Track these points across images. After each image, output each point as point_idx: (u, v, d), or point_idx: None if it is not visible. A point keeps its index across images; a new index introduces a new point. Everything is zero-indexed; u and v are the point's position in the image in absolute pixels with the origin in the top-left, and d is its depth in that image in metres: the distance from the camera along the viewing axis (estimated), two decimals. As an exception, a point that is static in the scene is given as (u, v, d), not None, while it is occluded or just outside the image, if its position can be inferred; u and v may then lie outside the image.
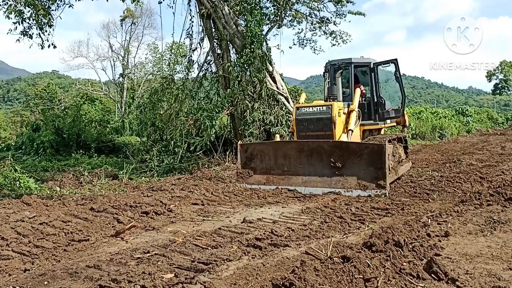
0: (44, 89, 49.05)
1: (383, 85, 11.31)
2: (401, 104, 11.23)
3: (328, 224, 5.48)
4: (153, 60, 41.83)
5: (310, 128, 9.52)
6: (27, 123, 25.25)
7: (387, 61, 10.93)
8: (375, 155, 7.84)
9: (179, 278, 3.37)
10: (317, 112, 9.46)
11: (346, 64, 11.04)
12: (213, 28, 14.34)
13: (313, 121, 9.46)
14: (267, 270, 3.67)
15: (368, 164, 7.93)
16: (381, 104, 10.78)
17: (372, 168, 7.87)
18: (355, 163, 8.05)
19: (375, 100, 10.85)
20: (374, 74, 10.87)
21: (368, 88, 11.26)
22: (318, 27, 21.62)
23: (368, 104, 10.96)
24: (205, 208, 6.75)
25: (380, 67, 11.02)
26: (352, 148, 8.19)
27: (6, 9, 13.06)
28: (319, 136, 9.27)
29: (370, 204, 6.89)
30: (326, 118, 9.28)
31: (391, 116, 10.99)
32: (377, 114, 10.86)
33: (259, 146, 9.48)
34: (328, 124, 9.26)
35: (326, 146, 8.42)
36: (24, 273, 3.69)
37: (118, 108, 40.17)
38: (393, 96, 11.77)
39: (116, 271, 3.57)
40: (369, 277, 3.23)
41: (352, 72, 10.87)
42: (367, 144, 8.29)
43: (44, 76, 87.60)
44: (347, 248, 4.03)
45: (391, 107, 11.04)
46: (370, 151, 7.92)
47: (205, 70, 15.11)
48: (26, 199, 6.69)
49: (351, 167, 8.10)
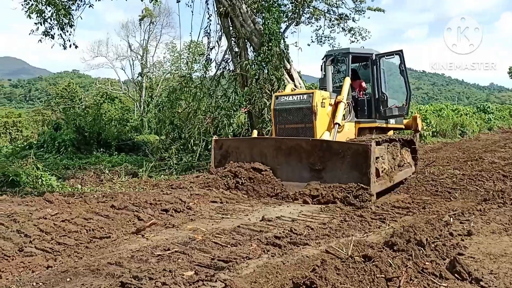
0: (65, 88, 49.86)
1: (388, 79, 10.29)
2: (405, 101, 10.11)
3: (348, 223, 5.44)
4: (171, 59, 42.21)
5: (289, 119, 8.54)
6: (49, 122, 25.66)
7: (391, 52, 9.95)
8: (359, 157, 6.94)
9: (199, 276, 3.38)
10: (296, 101, 8.46)
11: (343, 54, 10.06)
12: (230, 26, 14.35)
13: (293, 112, 8.48)
14: (287, 268, 3.65)
15: (352, 168, 7.02)
16: (383, 101, 9.76)
17: (356, 173, 6.94)
18: (337, 166, 7.18)
19: (376, 96, 9.86)
20: (376, 67, 9.85)
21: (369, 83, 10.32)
22: (337, 23, 21.51)
23: (369, 100, 10.03)
24: (224, 206, 6.76)
25: (383, 59, 10.01)
26: (334, 148, 7.29)
27: (27, 8, 13.28)
28: (299, 129, 8.38)
29: (390, 202, 6.82)
30: (306, 108, 8.27)
31: (394, 114, 9.93)
32: (378, 111, 9.82)
33: (234, 143, 8.81)
34: (308, 115, 8.26)
35: (305, 144, 7.58)
36: (47, 269, 3.74)
37: (137, 106, 40.62)
38: (397, 92, 10.74)
39: (137, 268, 3.59)
40: (391, 276, 3.19)
41: (350, 63, 9.85)
42: (350, 144, 7.37)
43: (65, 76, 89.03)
44: (368, 247, 4.00)
45: (394, 104, 10.05)
46: (353, 152, 7.02)
47: (223, 68, 15.15)
48: (48, 197, 6.79)
49: (332, 170, 7.22)
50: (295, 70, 14.31)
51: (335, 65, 10.30)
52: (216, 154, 8.75)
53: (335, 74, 10.26)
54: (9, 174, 9.02)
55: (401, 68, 9.68)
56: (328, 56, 10.22)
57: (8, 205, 6.72)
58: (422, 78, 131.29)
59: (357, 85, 10.18)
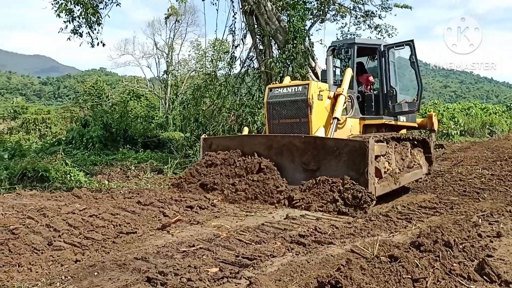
0: (92, 86, 50.69)
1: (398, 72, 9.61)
2: (416, 95, 9.27)
3: (373, 223, 5.38)
4: (196, 57, 42.44)
5: (283, 114, 7.91)
6: (77, 118, 26.21)
7: (401, 43, 9.24)
8: (356, 156, 6.32)
9: (224, 273, 3.40)
10: (291, 94, 7.80)
11: (348, 45, 9.35)
12: (255, 24, 14.35)
13: (287, 105, 7.83)
14: (312, 267, 3.64)
15: (348, 168, 6.38)
16: (392, 96, 9.03)
17: (353, 173, 6.30)
18: (333, 166, 6.52)
19: (384, 91, 9.13)
20: (384, 59, 9.11)
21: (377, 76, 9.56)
22: (363, 21, 21.17)
23: (376, 95, 9.29)
24: (248, 204, 6.78)
25: (392, 50, 9.27)
26: (329, 145, 6.65)
27: (57, 8, 13.59)
28: (293, 124, 7.75)
29: (417, 202, 6.72)
30: (301, 101, 7.62)
31: (403, 111, 9.15)
32: (387, 107, 9.08)
33: (224, 141, 8.17)
34: (303, 109, 7.60)
35: (298, 142, 6.96)
36: (75, 263, 3.81)
37: (162, 104, 41.02)
38: (407, 86, 9.93)
39: (163, 264, 3.64)
40: (418, 277, 3.15)
41: (355, 54, 9.12)
42: (347, 141, 6.74)
43: (92, 73, 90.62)
44: (394, 247, 3.95)
45: (404, 99, 9.28)
46: (350, 150, 6.40)
47: (247, 66, 15.18)
48: (76, 192, 6.95)
49: (327, 171, 6.55)
50: (320, 68, 14.20)
51: (340, 57, 9.80)
52: (205, 154, 8.05)
53: (341, 68, 9.83)
54: (39, 169, 9.27)
55: (411, 59, 8.91)
56: (332, 47, 9.56)
57: (38, 200, 6.90)
58: (450, 76, 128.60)
59: (364, 80, 9.65)
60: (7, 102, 65.58)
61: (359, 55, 9.56)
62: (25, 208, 5.98)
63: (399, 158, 7.74)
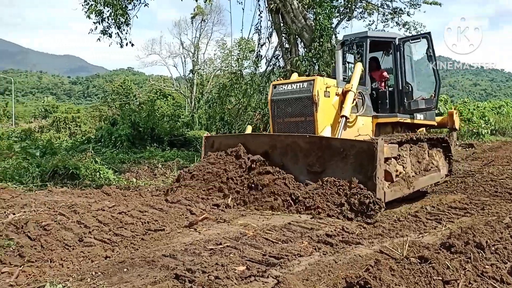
0: (120, 85, 51.66)
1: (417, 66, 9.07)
2: (434, 92, 8.74)
3: (402, 223, 5.30)
4: (221, 56, 42.70)
5: (287, 112, 7.47)
6: (105, 117, 26.71)
7: (417, 35, 8.98)
8: (364, 158, 5.80)
9: (251, 271, 3.41)
10: (296, 90, 7.36)
11: (360, 39, 8.76)
12: (281, 22, 14.34)
13: (291, 103, 7.40)
14: (339, 267, 3.61)
15: (355, 171, 5.87)
16: (407, 92, 8.52)
17: (360, 177, 5.78)
18: (339, 168, 6.03)
19: (399, 88, 8.60)
20: (400, 54, 8.57)
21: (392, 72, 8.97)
22: (391, 18, 20.93)
23: (391, 92, 8.75)
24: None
25: (408, 43, 8.75)
26: (335, 146, 6.16)
27: (87, 9, 13.91)
28: (299, 123, 7.31)
29: (446, 203, 6.59)
30: (305, 98, 7.17)
31: (420, 108, 8.60)
32: (402, 105, 8.55)
33: (226, 140, 7.66)
34: (308, 106, 7.15)
35: (302, 142, 6.50)
36: (105, 259, 3.88)
37: (188, 103, 41.43)
38: (424, 82, 9.38)
39: (191, 261, 3.67)
40: (449, 279, 3.08)
41: (367, 48, 8.57)
42: (354, 142, 6.23)
43: (120, 73, 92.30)
44: (424, 248, 3.88)
45: (420, 96, 8.74)
46: (357, 151, 5.88)
47: (273, 64, 15.18)
48: (106, 189, 7.07)
49: (333, 174, 6.05)
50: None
51: (352, 52, 9.14)
52: (206, 153, 7.64)
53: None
54: (70, 167, 9.48)
55: (428, 53, 8.39)
56: (343, 42, 9.02)
57: (69, 197, 7.06)
58: (480, 74, 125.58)
59: (378, 76, 9.15)
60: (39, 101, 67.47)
61: (373, 50, 9.05)
62: (56, 204, 6.13)
63: (415, 160, 7.27)
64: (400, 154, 6.68)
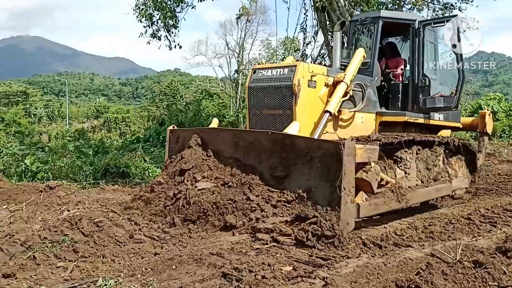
0: (168, 86, 52.81)
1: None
2: (456, 88, 7.25)
3: (454, 225, 5.11)
4: (266, 56, 42.73)
5: (265, 102, 6.09)
6: (153, 117, 27.37)
7: (441, 18, 7.45)
8: (331, 162, 4.54)
9: (298, 272, 3.38)
10: (275, 77, 5.95)
11: (372, 19, 7.22)
12: (327, 20, 14.15)
13: (270, 91, 6.01)
14: (389, 270, 3.53)
15: (321, 178, 4.68)
16: (424, 87, 7.03)
17: (326, 186, 4.57)
18: (304, 173, 4.86)
19: (415, 81, 7.11)
20: (419, 40, 7.01)
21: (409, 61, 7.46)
22: (441, 13, 20.20)
23: (405, 85, 7.28)
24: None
25: (429, 28, 7.14)
26: (299, 147, 4.95)
27: (138, 13, 14.36)
28: (276, 116, 5.95)
29: (501, 205, 6.29)
30: (284, 87, 5.79)
31: (437, 106, 7.10)
32: (416, 102, 7.07)
33: (190, 134, 6.21)
34: (287, 97, 5.76)
35: (265, 140, 5.31)
36: (154, 256, 3.97)
37: (233, 103, 41.74)
38: (450, 77, 7.66)
39: (237, 260, 3.69)
40: (506, 285, 2.95)
41: (379, 31, 6.98)
42: (320, 142, 4.99)
43: (168, 74, 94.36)
44: (478, 252, 3.71)
45: (439, 92, 7.25)
46: (323, 154, 4.65)
47: (319, 63, 15.02)
48: (154, 188, 7.23)
49: (297, 180, 4.91)
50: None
51: (359, 36, 7.69)
52: (171, 149, 6.58)
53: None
54: (120, 166, 9.80)
55: (453, 40, 6.96)
56: (352, 22, 7.68)
57: (120, 195, 7.30)
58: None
59: (393, 64, 7.67)
60: (91, 102, 70.09)
61: (388, 34, 7.70)
62: (108, 202, 6.35)
63: (423, 167, 6.22)
64: (402, 158, 5.84)
